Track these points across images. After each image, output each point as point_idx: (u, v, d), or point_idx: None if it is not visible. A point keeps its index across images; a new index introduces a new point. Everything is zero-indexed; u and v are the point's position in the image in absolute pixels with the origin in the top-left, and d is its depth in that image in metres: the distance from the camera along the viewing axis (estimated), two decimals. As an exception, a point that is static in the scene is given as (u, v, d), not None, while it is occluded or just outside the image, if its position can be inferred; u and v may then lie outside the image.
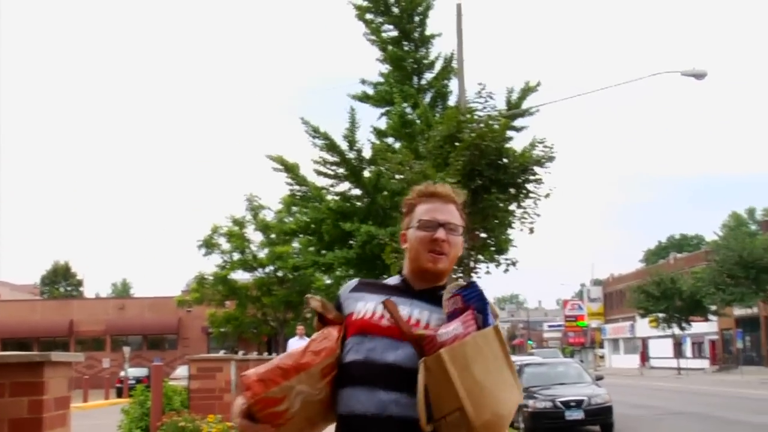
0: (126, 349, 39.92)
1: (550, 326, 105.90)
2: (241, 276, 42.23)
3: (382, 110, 22.69)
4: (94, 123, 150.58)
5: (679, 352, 60.37)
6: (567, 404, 15.99)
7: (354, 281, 2.75)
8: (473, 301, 2.37)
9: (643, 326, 68.09)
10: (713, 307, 52.29)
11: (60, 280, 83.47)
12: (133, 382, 31.90)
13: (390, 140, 21.92)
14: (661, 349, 68.65)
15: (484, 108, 15.67)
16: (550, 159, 15.15)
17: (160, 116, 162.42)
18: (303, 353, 2.46)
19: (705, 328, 60.65)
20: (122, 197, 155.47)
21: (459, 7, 18.39)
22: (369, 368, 2.41)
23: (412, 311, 2.51)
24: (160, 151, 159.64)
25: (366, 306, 2.56)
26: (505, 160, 14.90)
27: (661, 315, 56.41)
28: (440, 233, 2.57)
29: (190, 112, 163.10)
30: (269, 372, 2.40)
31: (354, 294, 2.66)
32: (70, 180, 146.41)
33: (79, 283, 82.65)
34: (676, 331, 56.95)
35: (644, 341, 74.52)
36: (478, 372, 2.21)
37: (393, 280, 2.73)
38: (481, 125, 15.01)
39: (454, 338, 2.27)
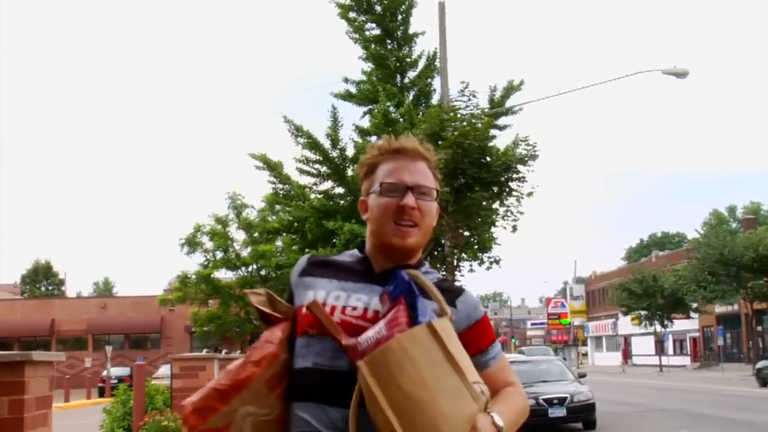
0: (108, 349, 39.72)
1: (533, 324, 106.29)
2: (224, 275, 42.10)
3: (365, 109, 22.68)
4: (74, 121, 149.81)
5: (661, 350, 60.74)
6: (550, 402, 16.06)
7: (303, 260, 2.24)
8: (404, 294, 1.97)
9: (626, 324, 68.48)
10: (695, 305, 52.66)
11: (41, 279, 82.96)
12: (116, 381, 31.75)
13: (373, 139, 21.90)
14: (643, 346, 69.04)
15: (467, 106, 15.74)
16: (533, 157, 15.24)
17: (141, 115, 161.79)
18: (242, 366, 2.01)
19: (687, 325, 61.05)
20: (104, 195, 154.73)
21: (442, 5, 18.43)
22: (317, 378, 1.99)
23: (370, 301, 2.05)
24: (142, 150, 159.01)
25: (316, 296, 2.08)
26: (488, 159, 14.96)
27: (643, 313, 56.74)
28: (409, 199, 2.08)
29: (172, 110, 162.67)
30: (205, 398, 1.98)
31: (304, 279, 2.17)
32: (51, 178, 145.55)
33: (61, 282, 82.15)
34: (658, 328, 57.30)
35: (627, 339, 74.91)
36: (407, 383, 1.79)
37: (350, 256, 2.24)
38: (464, 124, 15.06)
39: (375, 344, 1.88)
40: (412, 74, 22.80)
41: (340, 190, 22.76)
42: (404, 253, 2.13)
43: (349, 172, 22.29)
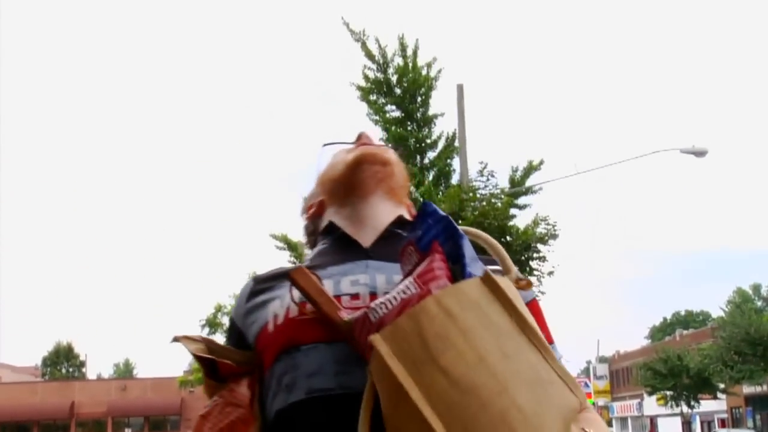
0: None
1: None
2: (244, 356, 42.06)
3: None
4: (95, 200, 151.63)
5: (688, 431, 59.48)
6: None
7: (248, 285, 1.53)
8: (440, 238, 1.24)
9: (651, 404, 67.27)
10: (722, 385, 51.76)
11: (62, 361, 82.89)
12: (134, 465, 31.46)
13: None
14: (670, 427, 67.72)
15: (486, 186, 15.88)
16: (553, 237, 15.28)
17: (160, 194, 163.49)
18: None
19: (714, 406, 59.90)
20: (125, 277, 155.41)
21: (460, 87, 18.74)
22: (318, 414, 1.26)
23: (375, 281, 1.37)
24: (163, 230, 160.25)
25: (284, 300, 1.39)
26: (508, 238, 15.00)
27: (668, 393, 55.80)
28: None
29: (191, 190, 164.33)
30: None
31: (256, 300, 1.47)
32: (72, 261, 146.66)
33: (82, 364, 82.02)
34: (685, 409, 56.25)
35: (653, 419, 73.53)
36: (455, 363, 1.07)
37: (318, 248, 1.58)
38: (484, 203, 15.17)
39: (400, 308, 1.17)
40: (431, 155, 23.01)
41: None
42: (377, 169, 1.57)
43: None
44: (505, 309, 1.13)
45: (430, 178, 22.49)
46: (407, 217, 1.56)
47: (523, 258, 15.03)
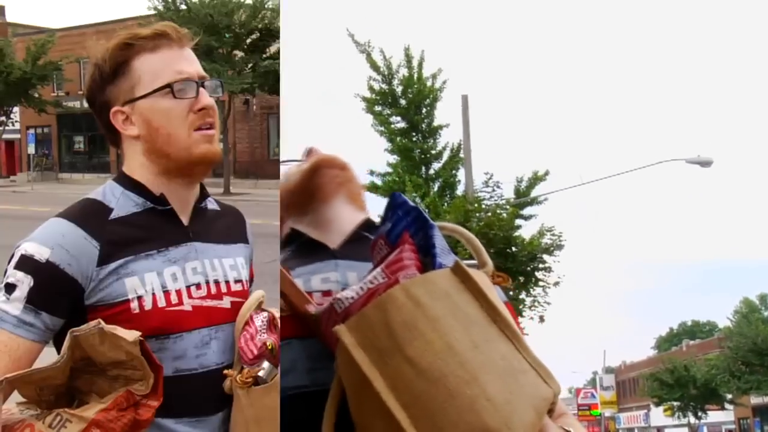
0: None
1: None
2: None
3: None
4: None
5: (695, 442, 59.28)
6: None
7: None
8: (410, 228, 1.21)
9: (658, 415, 66.99)
10: (729, 396, 51.52)
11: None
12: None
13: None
14: (677, 438, 67.46)
15: (491, 197, 15.89)
16: (559, 247, 15.28)
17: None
18: None
19: (721, 417, 59.60)
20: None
21: (465, 98, 18.76)
22: (292, 412, 1.24)
23: (346, 278, 1.35)
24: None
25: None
26: (513, 249, 15.01)
27: (675, 403, 55.58)
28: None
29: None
30: None
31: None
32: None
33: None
34: (692, 420, 56.00)
35: (660, 430, 73.21)
36: (422, 353, 1.03)
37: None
38: (489, 214, 15.17)
39: (367, 298, 1.13)
40: (436, 166, 23.03)
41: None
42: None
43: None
44: (475, 299, 1.11)
45: (435, 188, 22.50)
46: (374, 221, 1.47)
47: (528, 268, 15.03)
